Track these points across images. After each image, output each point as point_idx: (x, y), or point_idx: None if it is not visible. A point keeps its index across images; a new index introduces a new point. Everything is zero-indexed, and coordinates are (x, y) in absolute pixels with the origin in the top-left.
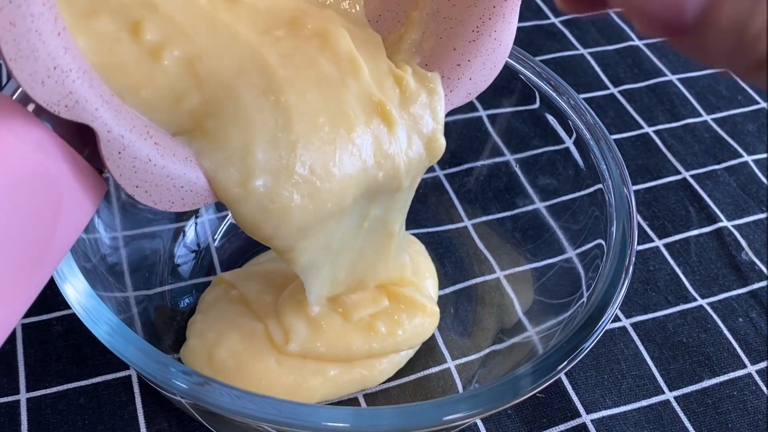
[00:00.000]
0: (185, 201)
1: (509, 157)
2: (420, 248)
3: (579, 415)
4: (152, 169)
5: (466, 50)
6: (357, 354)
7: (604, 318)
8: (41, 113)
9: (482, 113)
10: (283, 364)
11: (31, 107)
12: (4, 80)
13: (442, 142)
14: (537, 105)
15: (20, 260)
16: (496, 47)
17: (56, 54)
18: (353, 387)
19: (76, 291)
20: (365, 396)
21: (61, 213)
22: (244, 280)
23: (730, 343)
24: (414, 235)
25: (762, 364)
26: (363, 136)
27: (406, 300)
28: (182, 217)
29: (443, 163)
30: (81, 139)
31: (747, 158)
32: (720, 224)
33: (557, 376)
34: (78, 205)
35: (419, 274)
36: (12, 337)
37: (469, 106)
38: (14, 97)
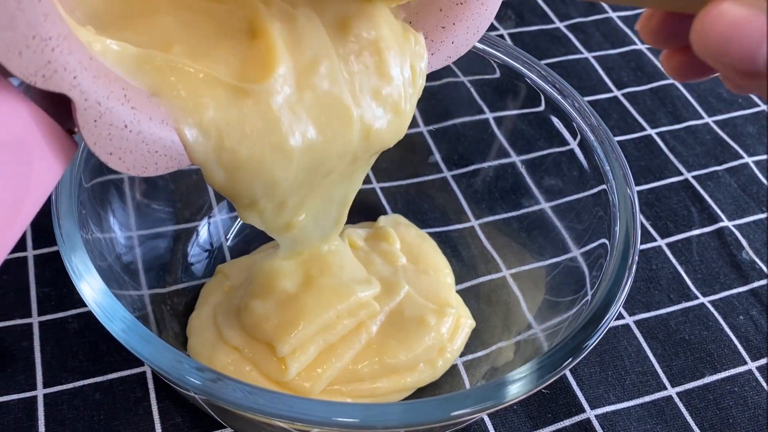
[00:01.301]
0: (158, 166)
1: (515, 158)
2: (433, 244)
3: (583, 411)
4: (127, 136)
5: (453, 12)
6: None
7: (607, 316)
8: (8, 74)
9: (489, 115)
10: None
11: None
12: None
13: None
14: (542, 107)
15: None
16: (482, 12)
17: (36, 22)
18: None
19: (92, 289)
20: None
21: (31, 177)
22: (238, 271)
23: (731, 340)
24: None
25: (762, 361)
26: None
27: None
28: (196, 217)
29: (451, 164)
30: (50, 101)
31: (747, 159)
32: (721, 224)
33: (562, 373)
34: (48, 168)
35: (438, 270)
36: (29, 335)
37: (476, 109)
38: None
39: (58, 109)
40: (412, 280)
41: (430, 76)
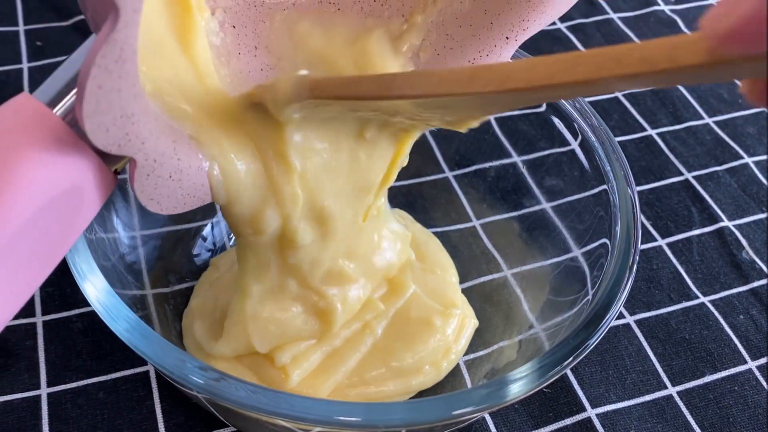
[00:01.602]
0: (186, 205)
1: (516, 158)
2: (437, 242)
3: (584, 410)
4: (170, 184)
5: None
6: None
7: (608, 315)
8: (81, 131)
9: (489, 117)
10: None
11: (59, 111)
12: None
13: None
14: (543, 108)
15: (38, 258)
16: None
17: (127, 104)
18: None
19: (96, 289)
20: None
21: (80, 213)
22: (227, 261)
23: (731, 339)
24: None
25: (762, 360)
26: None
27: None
28: (199, 217)
29: (452, 164)
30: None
31: (747, 160)
32: (721, 224)
33: (563, 372)
34: (93, 205)
35: (444, 269)
36: (33, 334)
37: None
38: (57, 113)
39: (111, 156)
40: (418, 279)
41: None
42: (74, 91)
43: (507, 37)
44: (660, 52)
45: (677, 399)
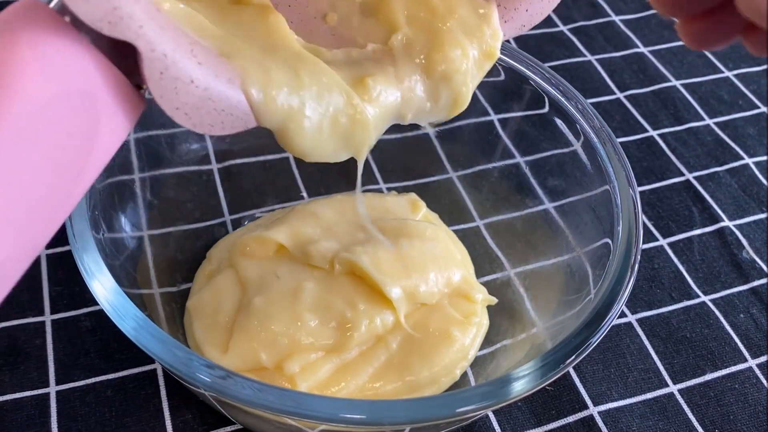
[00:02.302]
0: (225, 125)
1: (519, 159)
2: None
3: (587, 407)
4: (194, 91)
5: None
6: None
7: (610, 314)
8: (80, 25)
9: (493, 117)
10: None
11: (68, 18)
12: None
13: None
14: (546, 109)
15: (58, 178)
16: None
17: None
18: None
19: (104, 288)
20: None
21: (98, 131)
22: (219, 252)
23: (732, 338)
24: None
25: (762, 358)
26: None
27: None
28: (206, 217)
29: (457, 165)
30: (120, 54)
31: (748, 160)
32: (722, 224)
33: (566, 370)
34: (115, 123)
35: (468, 266)
36: (42, 332)
37: (481, 111)
38: (51, 5)
39: (128, 64)
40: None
41: None
42: None
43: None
44: None
45: (678, 397)
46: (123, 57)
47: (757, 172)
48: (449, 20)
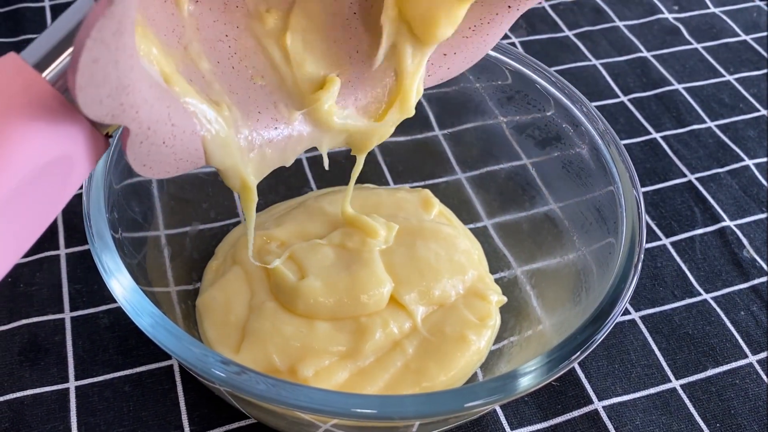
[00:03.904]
0: (179, 169)
1: (526, 160)
2: (474, 239)
3: (591, 402)
4: (163, 150)
5: (457, 44)
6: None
7: (614, 311)
8: (71, 98)
9: (501, 120)
10: None
11: (49, 76)
12: None
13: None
14: (552, 112)
15: (25, 227)
16: (482, 47)
17: (124, 75)
18: None
19: (122, 286)
20: None
21: (68, 182)
22: (225, 246)
23: (733, 334)
24: None
25: (762, 355)
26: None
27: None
28: (222, 217)
29: (465, 166)
30: None
31: (748, 162)
32: (723, 224)
33: (571, 366)
34: (83, 170)
35: (484, 264)
36: (62, 329)
37: (489, 113)
38: (46, 77)
39: None
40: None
41: (446, 82)
42: (66, 53)
43: (509, 6)
44: None
45: (681, 392)
46: None
47: (757, 174)
48: None
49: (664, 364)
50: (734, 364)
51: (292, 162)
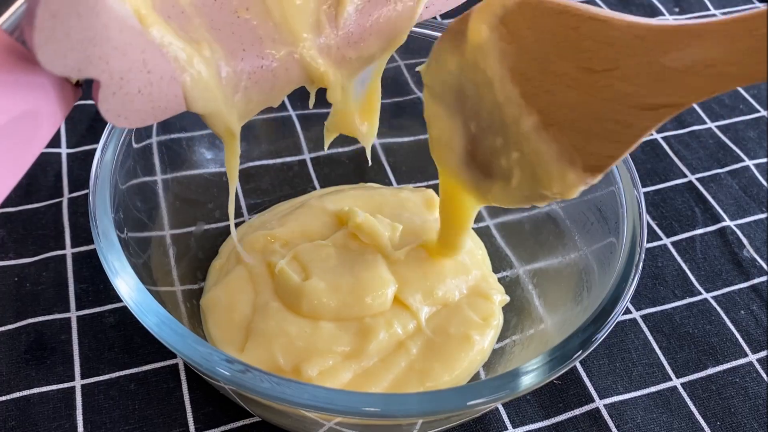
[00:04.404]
0: (156, 117)
1: None
2: (477, 237)
3: (593, 400)
4: (138, 99)
5: None
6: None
7: (615, 310)
8: (18, 35)
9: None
10: None
11: (5, 25)
12: None
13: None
14: None
15: None
16: None
17: (89, 25)
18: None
19: (127, 285)
20: None
21: (35, 137)
22: (226, 247)
23: (733, 333)
24: None
25: (762, 353)
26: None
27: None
28: (226, 217)
29: None
30: None
31: (748, 162)
32: (723, 224)
33: (573, 364)
34: (51, 124)
35: (487, 263)
36: (68, 328)
37: None
38: (2, 26)
39: None
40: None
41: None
42: (21, 1)
43: None
44: None
45: (681, 390)
46: None
47: (757, 174)
48: None
49: (664, 362)
50: (734, 363)
51: (279, 103)
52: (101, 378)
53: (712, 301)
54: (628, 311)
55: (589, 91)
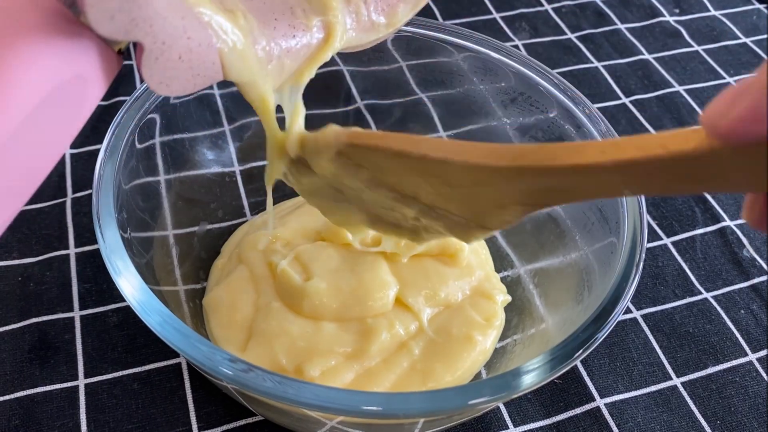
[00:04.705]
0: (196, 85)
1: None
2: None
3: (593, 399)
4: (179, 66)
5: None
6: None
7: (616, 310)
8: (79, 14)
9: (504, 121)
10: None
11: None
12: None
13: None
14: (555, 113)
15: (42, 151)
16: None
17: None
18: None
19: (131, 285)
20: None
21: (83, 103)
22: (229, 247)
23: (733, 333)
24: None
25: (762, 353)
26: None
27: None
28: (229, 217)
29: None
30: None
31: None
32: (723, 224)
33: (573, 364)
34: (97, 90)
35: (489, 263)
36: (71, 328)
37: (492, 115)
38: None
39: None
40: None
41: (450, 84)
42: None
43: None
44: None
45: (681, 389)
46: None
47: None
48: None
49: (665, 362)
50: (734, 362)
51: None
52: (104, 377)
53: (713, 301)
54: (628, 311)
55: (452, 195)
